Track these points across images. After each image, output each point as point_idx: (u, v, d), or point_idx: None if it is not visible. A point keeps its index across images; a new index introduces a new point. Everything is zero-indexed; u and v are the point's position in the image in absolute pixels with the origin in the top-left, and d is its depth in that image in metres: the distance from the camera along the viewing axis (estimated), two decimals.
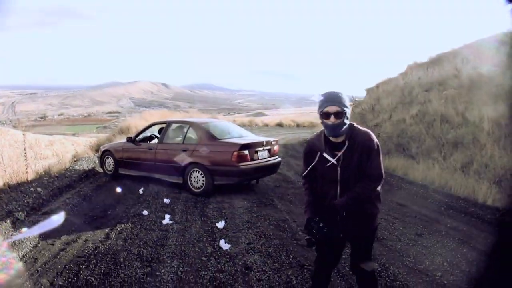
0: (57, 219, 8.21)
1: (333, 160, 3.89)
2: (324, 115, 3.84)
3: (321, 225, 3.96)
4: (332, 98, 3.85)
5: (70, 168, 13.97)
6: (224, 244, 6.93)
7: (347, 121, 3.87)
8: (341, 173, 3.90)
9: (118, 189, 10.97)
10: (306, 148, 4.22)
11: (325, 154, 3.96)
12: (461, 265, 6.26)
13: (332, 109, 3.80)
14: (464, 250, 6.90)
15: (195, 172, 10.64)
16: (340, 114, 3.79)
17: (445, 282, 5.68)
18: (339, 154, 3.91)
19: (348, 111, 3.85)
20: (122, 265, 6.17)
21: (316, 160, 4.03)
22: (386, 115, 19.75)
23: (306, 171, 4.15)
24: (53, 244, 7.05)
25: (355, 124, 4.01)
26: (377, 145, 3.89)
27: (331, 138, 3.95)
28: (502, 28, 16.09)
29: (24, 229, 7.58)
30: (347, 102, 3.87)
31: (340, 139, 3.94)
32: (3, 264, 6.19)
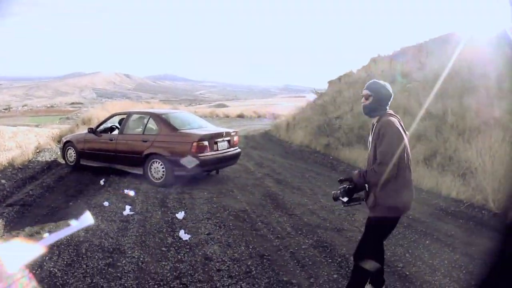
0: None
1: (369, 137, 4.51)
2: (361, 97, 4.51)
3: (348, 187, 4.46)
4: (367, 84, 4.53)
5: (33, 159, 13.73)
6: (184, 235, 6.92)
7: (376, 105, 4.42)
8: (369, 150, 4.43)
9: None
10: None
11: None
12: (423, 257, 6.30)
13: (364, 92, 4.47)
14: (427, 242, 6.96)
15: (155, 163, 10.57)
16: (368, 97, 4.42)
17: (407, 273, 5.71)
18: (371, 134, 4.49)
19: (377, 96, 4.40)
20: (84, 256, 6.12)
21: None
22: (348, 107, 19.87)
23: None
24: (17, 236, 6.94)
25: (389, 112, 4.43)
26: (388, 132, 4.16)
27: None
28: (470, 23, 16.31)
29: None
30: (380, 90, 4.43)
31: (373, 121, 4.53)
32: None
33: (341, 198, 4.49)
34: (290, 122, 23.89)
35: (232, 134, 11.50)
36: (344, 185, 4.52)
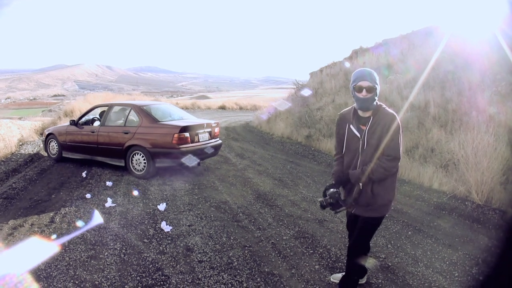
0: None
1: (356, 132, 4.20)
2: (357, 89, 4.13)
3: (335, 191, 4.27)
4: (366, 74, 4.12)
5: (16, 152, 13.59)
6: (165, 226, 6.89)
7: (376, 98, 4.14)
8: (362, 146, 4.17)
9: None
10: (338, 120, 4.53)
11: (351, 126, 4.26)
12: (405, 248, 6.31)
13: (365, 83, 4.08)
14: (409, 232, 6.97)
15: (136, 154, 10.53)
16: (371, 89, 4.07)
17: (389, 264, 5.71)
18: (365, 128, 4.16)
19: (379, 88, 4.14)
20: (67, 248, 6.06)
21: (345, 131, 4.33)
22: (329, 99, 19.86)
23: (336, 142, 4.52)
24: (1, 229, 6.85)
25: (383, 105, 4.22)
26: (399, 126, 4.04)
27: (359, 112, 4.23)
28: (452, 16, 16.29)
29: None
30: (378, 81, 4.15)
31: (367, 114, 4.21)
32: None
33: (329, 207, 4.34)
34: (271, 114, 23.88)
35: (213, 125, 11.47)
36: (331, 192, 4.34)
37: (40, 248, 6.10)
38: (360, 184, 4.21)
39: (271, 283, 5.07)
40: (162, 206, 7.97)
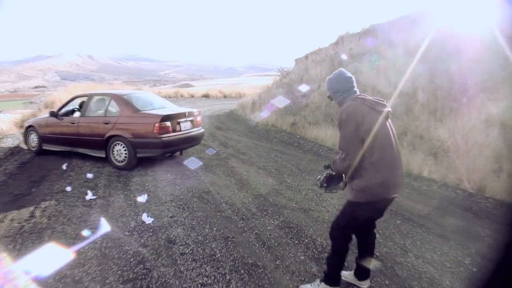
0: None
1: (334, 117, 4.31)
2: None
3: (330, 175, 4.53)
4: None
5: None
6: (146, 218, 6.83)
7: (340, 97, 4.35)
8: None
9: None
10: None
11: None
12: (394, 237, 6.28)
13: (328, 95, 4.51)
14: (398, 221, 6.94)
15: (117, 145, 10.46)
16: (331, 97, 4.45)
17: (377, 254, 5.63)
18: None
19: (335, 91, 4.36)
20: (47, 243, 6.00)
21: None
22: (315, 85, 19.83)
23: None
24: None
25: (355, 96, 4.26)
26: (342, 120, 4.08)
27: None
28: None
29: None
30: (333, 84, 4.39)
31: None
32: None
33: (323, 184, 4.54)
34: (256, 101, 23.83)
35: (195, 114, 11.42)
36: (328, 171, 4.56)
37: (19, 243, 6.03)
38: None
39: (255, 275, 5.02)
40: (143, 198, 7.92)
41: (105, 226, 6.59)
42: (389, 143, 4.07)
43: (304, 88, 19.32)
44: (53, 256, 5.59)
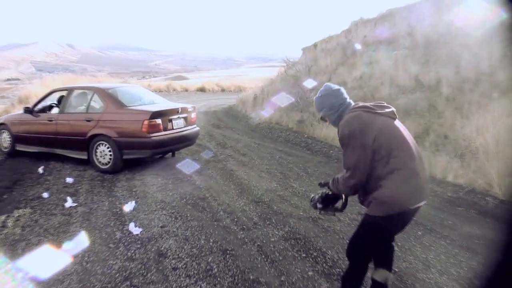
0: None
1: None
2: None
3: (326, 194, 4.47)
4: (314, 106, 4.52)
5: None
6: (134, 228, 6.82)
7: (335, 114, 4.30)
8: None
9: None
10: None
11: None
12: (415, 250, 6.19)
13: (320, 116, 4.53)
14: (419, 233, 6.89)
15: (101, 145, 10.43)
16: (325, 117, 4.43)
17: (396, 269, 5.52)
18: None
19: (328, 108, 4.32)
20: (21, 256, 5.97)
21: None
22: (325, 78, 19.74)
23: None
24: None
25: (353, 108, 4.22)
26: (345, 135, 4.01)
27: None
28: None
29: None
30: (324, 102, 4.35)
31: None
32: None
33: (317, 204, 4.49)
34: (258, 96, 23.82)
35: (189, 110, 11.43)
36: (324, 190, 4.50)
37: None
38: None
39: None
40: (130, 205, 7.90)
41: (87, 238, 6.58)
42: (406, 145, 3.98)
43: (311, 83, 19.26)
44: (27, 272, 5.57)
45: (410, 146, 3.99)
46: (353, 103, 4.26)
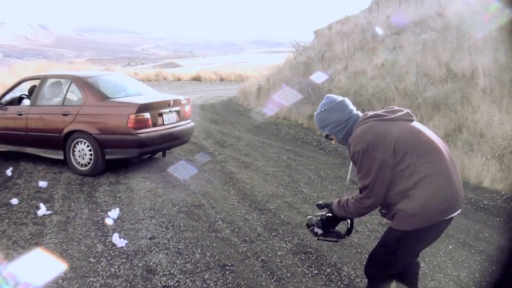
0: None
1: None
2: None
3: (327, 217, 4.41)
4: (316, 124, 4.45)
5: None
6: (118, 240, 6.83)
7: (343, 130, 4.24)
8: None
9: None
10: None
11: None
12: (445, 267, 6.20)
13: (324, 134, 4.47)
14: (450, 246, 6.90)
15: (79, 143, 10.41)
16: (331, 135, 4.35)
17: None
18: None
19: (335, 125, 4.25)
20: None
21: None
22: (341, 66, 19.73)
23: None
24: None
25: (362, 119, 4.18)
26: (358, 152, 3.95)
27: None
28: None
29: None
30: (328, 119, 4.28)
31: None
32: None
33: (315, 228, 4.43)
34: (263, 86, 23.81)
35: (182, 102, 11.43)
36: (323, 212, 4.47)
37: None
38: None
39: None
40: (114, 213, 7.92)
41: (63, 251, 6.61)
42: (434, 148, 3.95)
43: (321, 77, 19.19)
44: None
45: (439, 148, 3.95)
46: (361, 114, 4.25)
